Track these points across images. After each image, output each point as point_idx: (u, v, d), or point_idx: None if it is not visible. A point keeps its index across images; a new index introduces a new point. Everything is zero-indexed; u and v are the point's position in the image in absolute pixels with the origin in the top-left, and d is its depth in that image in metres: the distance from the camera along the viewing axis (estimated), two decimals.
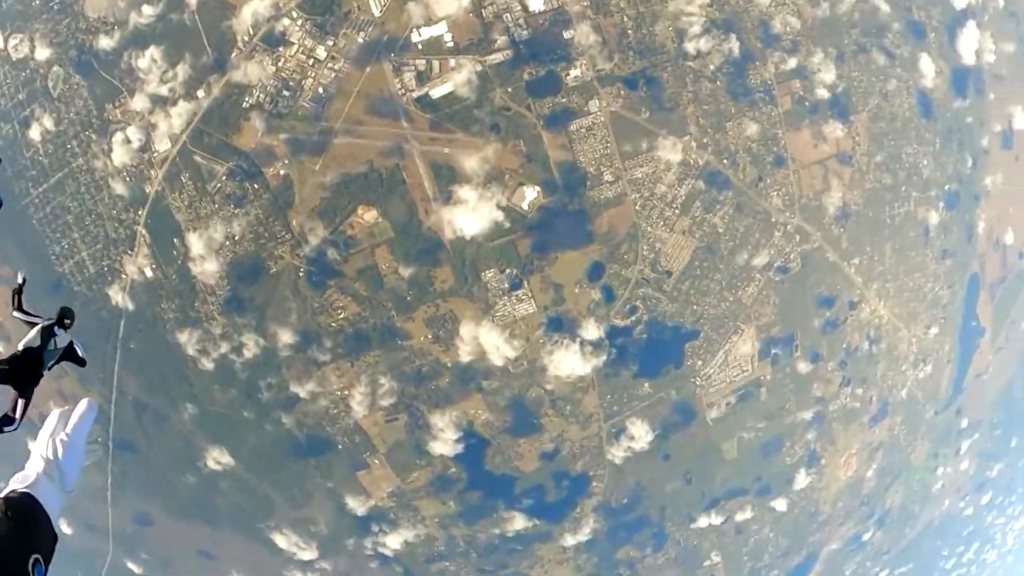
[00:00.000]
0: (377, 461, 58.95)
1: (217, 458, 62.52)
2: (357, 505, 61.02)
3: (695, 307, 58.26)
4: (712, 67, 54.66)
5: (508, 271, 52.63)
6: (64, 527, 65.67)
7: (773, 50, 56.24)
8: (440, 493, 60.48)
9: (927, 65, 61.91)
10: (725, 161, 56.10)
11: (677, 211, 55.45)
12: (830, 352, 64.60)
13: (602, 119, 52.83)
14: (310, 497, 62.66)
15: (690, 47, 53.82)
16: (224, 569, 71.99)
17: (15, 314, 6.62)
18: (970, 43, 64.09)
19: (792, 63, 56.59)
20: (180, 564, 73.76)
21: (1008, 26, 68.62)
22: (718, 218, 56.72)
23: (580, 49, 52.11)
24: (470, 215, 51.03)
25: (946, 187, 65.84)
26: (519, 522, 62.12)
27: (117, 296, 59.74)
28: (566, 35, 51.96)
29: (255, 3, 52.04)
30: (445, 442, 56.89)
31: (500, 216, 51.54)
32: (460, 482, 59.74)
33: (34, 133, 59.54)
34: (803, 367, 63.42)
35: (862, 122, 60.02)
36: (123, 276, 59.33)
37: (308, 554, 65.90)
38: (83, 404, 5.51)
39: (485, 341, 53.37)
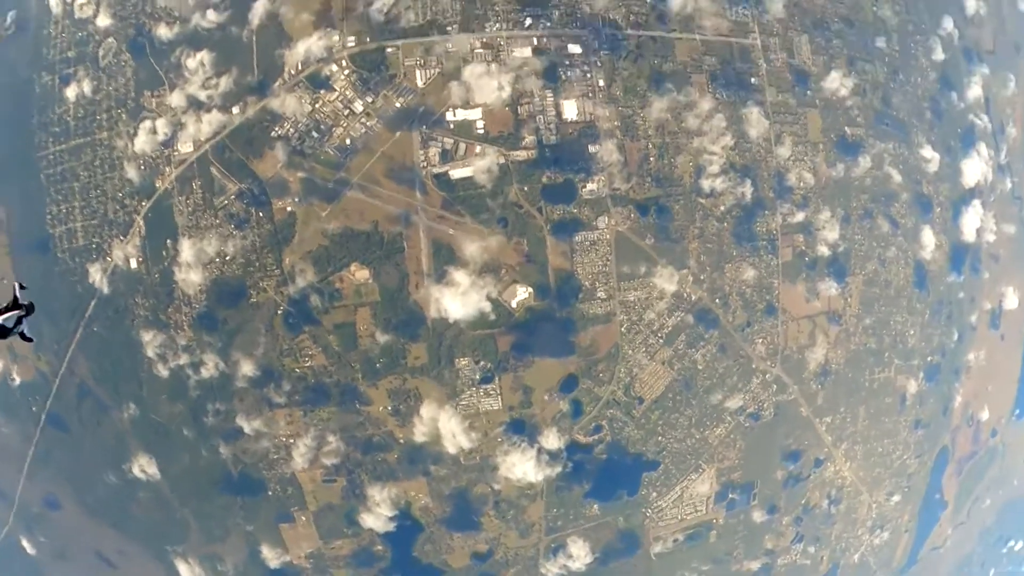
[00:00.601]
0: (304, 518, 56.32)
1: (144, 467, 59.97)
2: (272, 557, 58.05)
3: (660, 438, 57.00)
4: (723, 208, 55.47)
5: (483, 363, 51.50)
6: None
7: (784, 202, 57.17)
8: (360, 568, 57.45)
9: (928, 238, 63.14)
10: (717, 301, 56.17)
11: (661, 340, 55.03)
12: (788, 506, 63.07)
13: (607, 236, 53.09)
14: (227, 535, 59.63)
15: (706, 184, 54.71)
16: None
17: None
18: (973, 221, 65.70)
19: (799, 217, 57.50)
20: (75, 560, 69.78)
21: (1011, 209, 70.78)
22: (700, 355, 56.27)
23: (601, 165, 52.91)
24: (458, 299, 50.35)
25: (929, 359, 66.00)
26: None
27: (96, 275, 58.43)
28: (591, 149, 52.82)
29: (312, 41, 52.88)
30: (378, 517, 54.42)
31: (488, 308, 50.81)
32: (383, 562, 56.78)
33: (70, 92, 59.76)
34: (758, 516, 61.84)
35: (857, 285, 60.66)
36: (108, 259, 58.16)
37: None
38: None
39: (443, 426, 51.72)
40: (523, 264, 51.34)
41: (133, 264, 56.99)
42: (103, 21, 59.72)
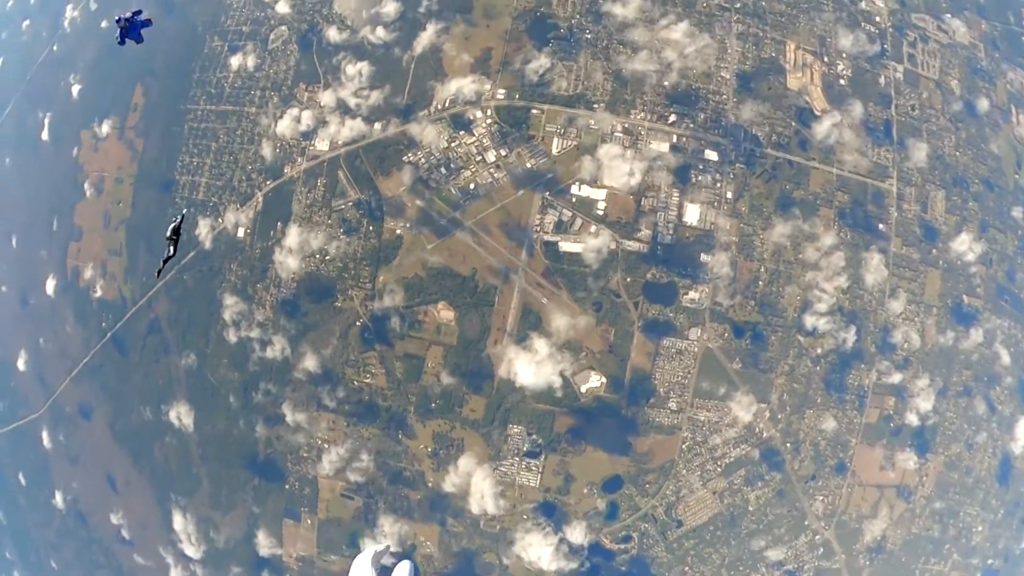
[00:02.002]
0: (310, 522, 55.97)
1: (181, 415, 61.75)
2: (265, 545, 57.84)
3: (687, 569, 53.49)
4: (820, 350, 52.84)
5: (534, 437, 50.31)
6: (20, 363, 66.69)
7: (884, 359, 53.94)
8: None
9: (1023, 432, 58.11)
10: (789, 445, 52.98)
11: (719, 469, 52.25)
12: None
13: (695, 349, 51.38)
14: (231, 507, 60.09)
15: (809, 322, 52.43)
16: (112, 504, 69.87)
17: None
18: None
19: (896, 378, 54.12)
20: (83, 471, 72.40)
21: None
22: (754, 495, 52.94)
23: (709, 276, 51.67)
24: (532, 367, 49.65)
25: (990, 561, 59.74)
26: None
27: (204, 230, 61.60)
28: (703, 257, 51.78)
29: (464, 82, 54.96)
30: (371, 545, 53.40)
31: (557, 384, 49.87)
32: None
33: (234, 62, 64.34)
34: None
35: (937, 464, 55.99)
36: (219, 220, 61.15)
37: (191, 551, 62.69)
38: (403, 568, 7.86)
39: (476, 484, 50.61)
40: (604, 352, 50.32)
41: (240, 233, 59.65)
42: (282, 8, 64.31)
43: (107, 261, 69.36)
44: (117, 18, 27.63)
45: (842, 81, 56.34)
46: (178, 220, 27.16)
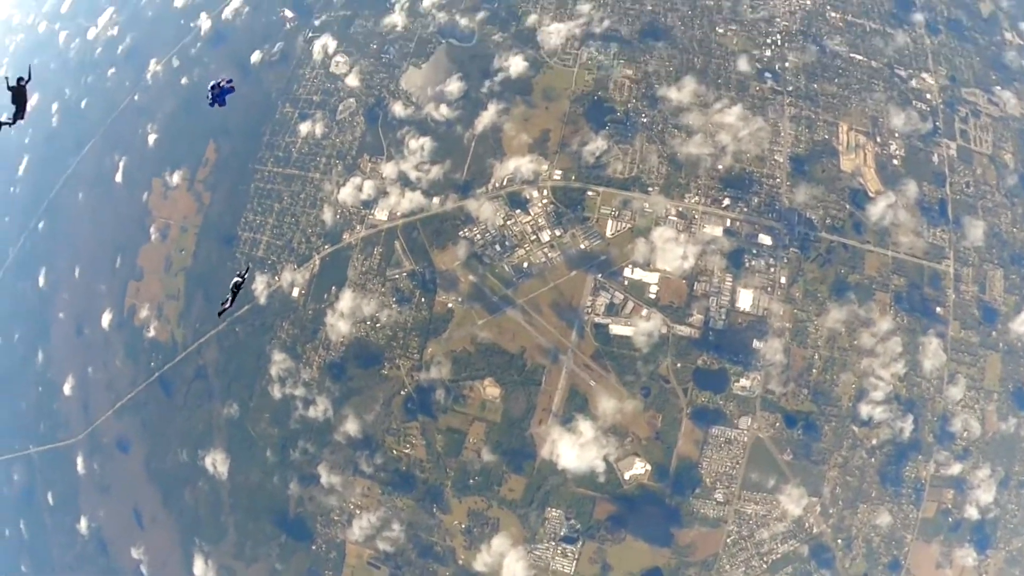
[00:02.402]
0: None
1: (217, 463, 62.34)
2: None
3: None
4: (875, 441, 50.45)
5: (573, 522, 48.94)
6: (67, 387, 67.35)
7: (942, 449, 51.19)
8: None
9: None
10: (840, 541, 49.95)
11: (765, 566, 49.40)
12: None
13: (745, 439, 49.69)
14: (254, 560, 59.58)
15: (864, 411, 50.33)
16: (136, 539, 70.25)
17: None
18: None
19: (955, 470, 51.16)
20: (112, 501, 73.44)
21: None
22: None
23: (761, 363, 50.44)
24: (576, 450, 48.82)
25: None
26: None
27: (260, 286, 63.64)
28: (756, 344, 50.76)
29: (523, 162, 56.63)
30: None
31: (600, 469, 48.79)
32: None
33: (303, 128, 68.00)
34: None
35: (997, 561, 51.85)
36: (276, 278, 63.37)
37: None
38: None
39: (508, 566, 49.14)
40: (651, 439, 49.26)
41: (295, 292, 61.52)
42: (352, 82, 68.29)
43: (163, 304, 72.06)
44: (212, 84, 31.43)
45: (895, 161, 56.16)
46: (243, 272, 29.79)
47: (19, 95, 20.82)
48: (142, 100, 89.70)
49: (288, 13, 76.64)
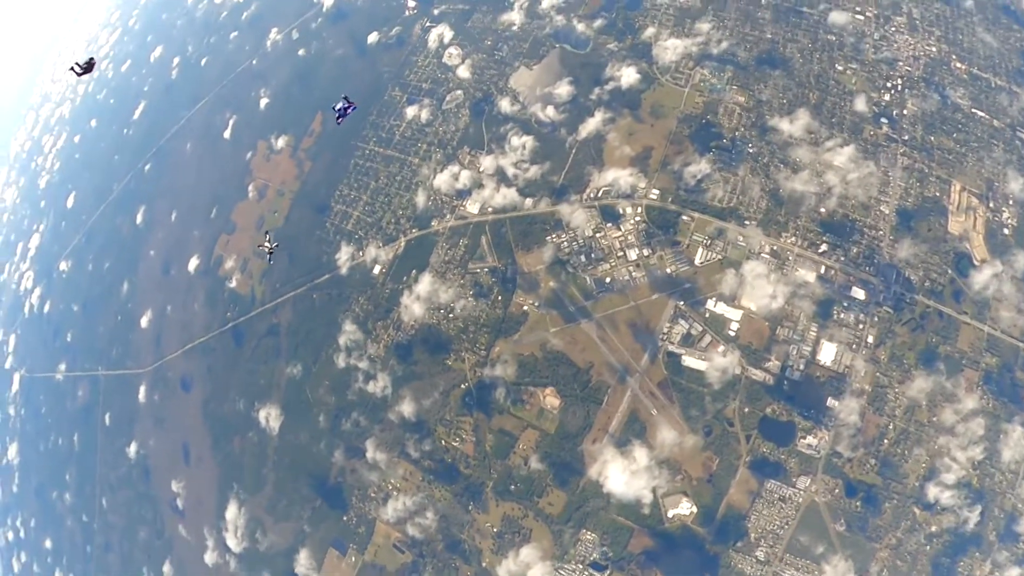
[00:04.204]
0: (354, 559, 55.57)
1: (270, 418, 64.45)
2: (303, 565, 58.05)
3: None
4: (935, 528, 45.97)
5: (606, 549, 47.17)
6: (144, 320, 74.28)
7: (1004, 549, 45.97)
8: None
9: None
10: None
11: None
12: None
13: (800, 499, 46.46)
14: (285, 518, 61.15)
15: (931, 492, 46.17)
16: (179, 473, 74.04)
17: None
18: None
19: (1013, 573, 46.04)
20: (164, 434, 77.54)
21: None
22: None
23: (833, 423, 46.98)
24: (625, 475, 47.07)
25: None
26: None
27: (344, 258, 65.52)
28: (830, 402, 47.39)
29: (622, 175, 55.52)
30: None
31: (646, 501, 46.80)
32: None
33: (410, 113, 69.85)
34: None
35: None
36: (361, 253, 64.96)
37: (233, 543, 64.30)
38: None
39: None
40: (703, 480, 46.87)
41: (376, 270, 62.84)
42: (463, 74, 69.55)
43: (249, 260, 75.57)
44: (344, 106, 36.68)
45: (1007, 230, 51.58)
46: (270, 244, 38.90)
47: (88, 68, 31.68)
48: (259, 65, 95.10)
49: (411, 1, 79.14)
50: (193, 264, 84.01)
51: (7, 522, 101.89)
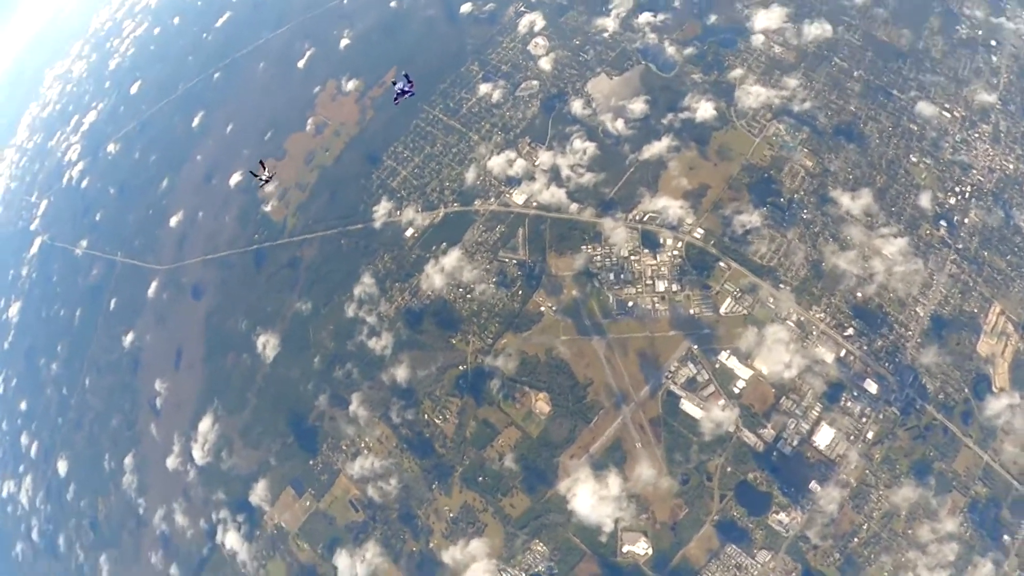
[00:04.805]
0: (308, 504, 56.13)
1: (267, 345, 65.26)
2: (258, 495, 59.03)
3: None
4: None
5: (552, 565, 46.88)
6: (173, 220, 78.43)
7: None
8: None
9: None
10: None
11: None
12: None
13: (756, 573, 45.31)
14: (254, 446, 62.00)
15: None
16: (166, 374, 75.09)
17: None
18: None
19: None
20: (164, 333, 78.75)
21: None
22: None
23: (809, 506, 45.98)
24: (592, 498, 46.66)
25: None
26: None
27: (380, 213, 66.09)
28: (813, 485, 46.33)
29: (672, 205, 54.95)
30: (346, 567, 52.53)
31: (607, 530, 46.34)
32: None
33: (483, 89, 70.01)
34: None
35: None
36: (398, 212, 65.34)
37: (198, 454, 65.67)
38: None
39: (472, 571, 47.70)
40: (667, 526, 46.21)
41: (408, 232, 63.17)
42: (544, 66, 69.43)
43: (290, 190, 76.28)
44: (403, 87, 37.06)
45: None
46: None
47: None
48: (349, 6, 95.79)
49: None
50: (235, 179, 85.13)
51: None
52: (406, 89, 38.17)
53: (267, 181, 50.88)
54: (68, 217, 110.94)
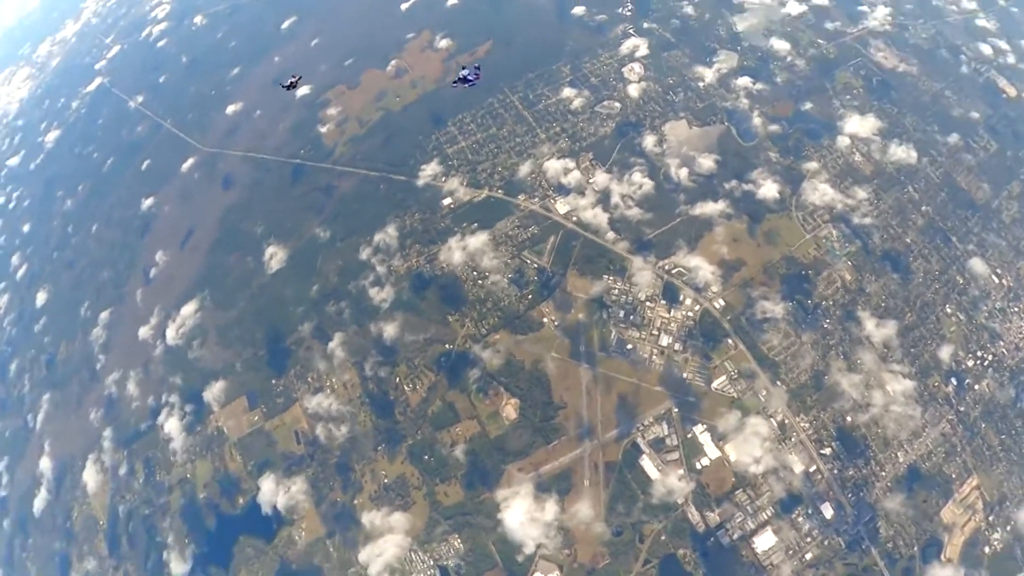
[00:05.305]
0: (256, 419, 56.53)
1: (272, 257, 65.77)
2: (212, 395, 59.44)
3: None
4: None
5: (461, 564, 46.70)
6: (231, 109, 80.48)
7: None
8: (221, 486, 55.46)
9: None
10: None
11: None
12: None
13: None
14: (226, 346, 62.47)
15: None
16: (170, 250, 75.66)
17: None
18: None
19: None
20: (181, 210, 79.37)
21: None
22: None
23: None
24: (522, 516, 46.43)
25: None
26: None
27: (426, 172, 66.36)
28: None
29: (704, 267, 54.65)
30: (265, 498, 52.41)
31: (526, 551, 45.89)
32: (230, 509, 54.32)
33: (565, 93, 70.26)
34: None
35: None
36: (443, 179, 65.65)
37: (171, 334, 65.98)
38: None
39: (384, 541, 47.80)
40: (583, 569, 45.60)
41: (447, 200, 63.35)
42: (632, 91, 69.15)
43: (349, 120, 76.49)
44: (468, 75, 36.68)
45: (987, 549, 48.87)
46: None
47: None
48: None
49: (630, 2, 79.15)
50: (301, 92, 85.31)
51: (7, 189, 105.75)
52: (470, 78, 37.37)
53: (293, 86, 51.14)
54: (133, 70, 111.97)
